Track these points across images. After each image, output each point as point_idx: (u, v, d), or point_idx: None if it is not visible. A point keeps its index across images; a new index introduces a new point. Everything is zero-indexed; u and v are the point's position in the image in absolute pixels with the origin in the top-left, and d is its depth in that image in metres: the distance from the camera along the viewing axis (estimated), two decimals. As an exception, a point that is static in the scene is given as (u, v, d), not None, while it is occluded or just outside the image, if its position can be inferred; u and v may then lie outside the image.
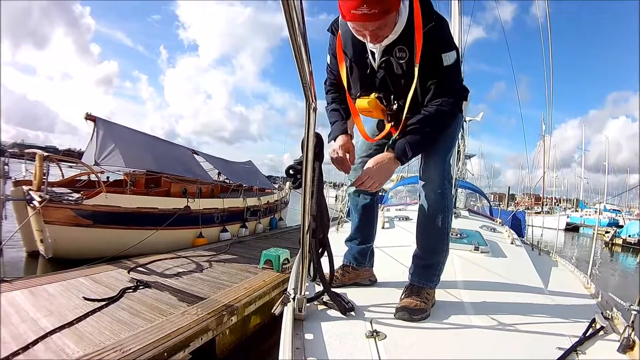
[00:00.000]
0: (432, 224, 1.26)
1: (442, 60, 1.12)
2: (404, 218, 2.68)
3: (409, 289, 1.24)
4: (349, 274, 1.43)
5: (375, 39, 1.09)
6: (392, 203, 4.06)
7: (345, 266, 1.45)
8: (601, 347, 0.99)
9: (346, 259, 1.46)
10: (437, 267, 1.30)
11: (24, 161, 5.53)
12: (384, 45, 1.14)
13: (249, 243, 6.12)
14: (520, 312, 1.25)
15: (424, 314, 1.14)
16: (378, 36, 1.08)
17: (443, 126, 1.20)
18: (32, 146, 23.03)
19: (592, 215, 21.48)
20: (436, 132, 1.18)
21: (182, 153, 7.58)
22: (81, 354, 1.98)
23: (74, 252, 4.61)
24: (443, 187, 1.26)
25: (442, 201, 1.26)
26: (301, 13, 0.68)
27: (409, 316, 1.11)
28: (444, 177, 1.27)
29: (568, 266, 2.13)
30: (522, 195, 27.07)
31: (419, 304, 1.15)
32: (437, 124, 1.17)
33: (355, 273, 1.44)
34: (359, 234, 1.48)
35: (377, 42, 1.11)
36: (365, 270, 1.46)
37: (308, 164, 0.97)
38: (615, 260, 12.45)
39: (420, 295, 1.20)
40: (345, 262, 1.46)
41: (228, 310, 2.82)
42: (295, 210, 9.87)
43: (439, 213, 1.26)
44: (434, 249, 1.29)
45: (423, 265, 1.29)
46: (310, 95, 0.88)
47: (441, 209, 1.26)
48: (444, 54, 1.11)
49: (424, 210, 1.28)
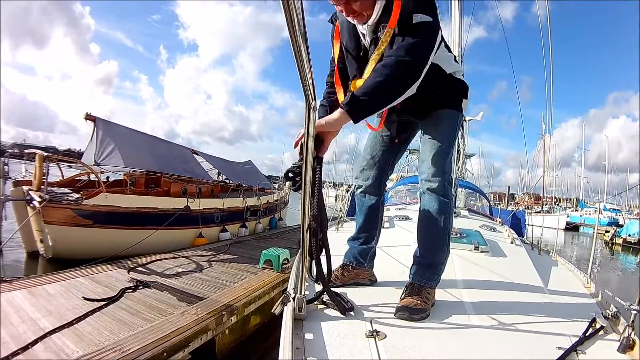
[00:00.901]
0: (434, 225, 1.27)
1: (412, 19, 1.07)
2: (404, 218, 2.69)
3: (410, 288, 1.24)
4: (349, 273, 1.43)
5: (350, 13, 1.13)
6: (392, 203, 4.06)
7: (346, 265, 1.45)
8: (601, 346, 0.99)
9: (347, 258, 1.46)
10: (438, 266, 1.30)
11: (24, 161, 5.53)
12: (371, 24, 1.18)
13: (248, 243, 6.12)
14: (520, 311, 1.25)
15: (424, 314, 1.13)
16: (353, 10, 1.12)
17: (394, 78, 1.05)
18: (32, 146, 23.05)
19: (592, 215, 21.50)
20: (387, 85, 1.05)
21: (182, 153, 7.57)
22: (81, 353, 1.98)
23: (74, 252, 4.61)
24: (444, 188, 1.27)
25: (443, 202, 1.27)
26: (301, 13, 0.68)
27: (409, 315, 1.10)
28: (445, 178, 1.28)
29: (568, 266, 2.13)
30: (522, 195, 27.10)
31: (420, 304, 1.15)
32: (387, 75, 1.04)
33: (355, 273, 1.43)
34: (362, 234, 1.48)
35: (358, 20, 1.16)
36: (365, 271, 1.46)
37: (308, 164, 0.97)
38: (616, 259, 12.46)
39: (421, 295, 1.20)
40: (346, 261, 1.46)
41: (228, 310, 2.82)
42: (295, 210, 9.87)
43: (440, 214, 1.26)
44: (435, 248, 1.30)
45: (424, 264, 1.29)
46: (310, 95, 0.88)
47: (443, 210, 1.27)
48: (415, 14, 1.07)
49: (426, 211, 1.28)
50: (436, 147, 1.29)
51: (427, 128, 1.37)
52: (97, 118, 5.79)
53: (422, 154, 1.35)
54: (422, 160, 1.34)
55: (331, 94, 1.38)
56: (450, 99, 1.35)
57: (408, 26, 1.07)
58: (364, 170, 1.48)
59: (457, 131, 1.40)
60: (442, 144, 1.29)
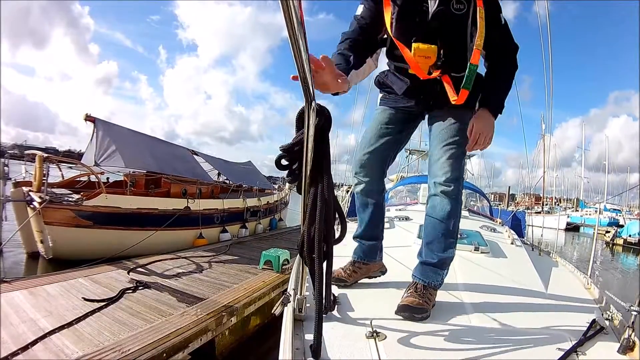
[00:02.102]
0: (444, 228, 1.26)
1: (501, 19, 1.23)
2: (404, 218, 2.68)
3: (413, 287, 1.23)
4: (360, 269, 1.43)
5: None
6: (392, 203, 4.05)
7: (356, 262, 1.45)
8: (601, 347, 0.99)
9: (356, 255, 1.46)
10: (443, 267, 1.29)
11: (24, 162, 5.54)
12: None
13: (248, 244, 6.11)
14: (520, 312, 1.25)
15: (425, 314, 1.13)
16: None
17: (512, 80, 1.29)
18: (32, 147, 23.04)
19: (592, 215, 21.47)
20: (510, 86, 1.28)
21: (182, 153, 7.58)
22: (80, 354, 1.98)
23: (74, 253, 4.61)
24: (458, 192, 1.26)
25: (456, 206, 1.26)
26: (301, 13, 0.68)
27: (410, 314, 1.10)
28: (460, 182, 1.27)
29: (568, 267, 2.13)
30: (523, 195, 27.07)
31: (421, 303, 1.14)
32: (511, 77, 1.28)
33: (366, 268, 1.45)
34: (368, 231, 1.48)
35: None
36: (376, 264, 1.47)
37: (308, 164, 0.94)
38: (617, 260, 12.44)
39: (424, 295, 1.19)
40: (356, 258, 1.45)
41: (227, 310, 2.82)
42: (295, 211, 9.87)
43: (451, 217, 1.26)
44: (442, 250, 1.28)
45: (429, 265, 1.27)
46: (310, 95, 0.88)
47: (454, 213, 1.26)
48: (501, 14, 1.23)
49: (437, 213, 1.26)
50: (453, 149, 1.27)
51: (442, 127, 1.33)
52: (96, 119, 5.80)
53: (435, 154, 1.31)
54: (435, 161, 1.30)
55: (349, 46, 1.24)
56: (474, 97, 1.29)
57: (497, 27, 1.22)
58: (363, 166, 1.41)
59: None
60: (459, 147, 1.27)
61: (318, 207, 0.82)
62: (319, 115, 0.83)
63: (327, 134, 0.87)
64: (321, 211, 0.81)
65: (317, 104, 0.81)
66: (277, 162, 0.88)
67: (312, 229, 0.82)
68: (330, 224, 0.86)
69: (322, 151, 0.85)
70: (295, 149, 0.83)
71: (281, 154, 0.86)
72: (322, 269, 0.84)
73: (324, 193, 0.82)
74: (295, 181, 0.87)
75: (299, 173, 0.84)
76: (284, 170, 0.89)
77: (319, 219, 0.81)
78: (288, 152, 0.85)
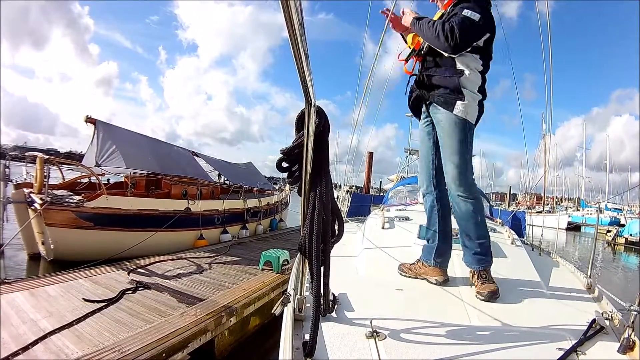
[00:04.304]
0: (475, 222, 1.51)
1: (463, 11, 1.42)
2: (404, 218, 2.68)
3: (479, 275, 1.44)
4: (419, 269, 1.64)
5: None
6: (392, 203, 4.05)
7: (419, 260, 1.63)
8: (601, 347, 0.99)
9: (422, 254, 1.66)
10: (489, 247, 1.52)
11: (25, 164, 5.54)
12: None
13: (249, 244, 6.11)
14: (521, 312, 1.25)
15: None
16: None
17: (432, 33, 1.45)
18: (33, 149, 23.06)
19: (593, 215, 21.41)
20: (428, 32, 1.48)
21: (182, 154, 7.58)
22: (80, 354, 1.98)
23: (75, 254, 4.60)
24: (472, 192, 1.50)
25: (475, 203, 1.50)
26: (301, 13, 0.68)
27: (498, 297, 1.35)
28: (470, 183, 1.51)
29: (568, 267, 2.13)
30: (524, 195, 27.02)
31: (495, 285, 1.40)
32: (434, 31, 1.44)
33: (424, 269, 1.60)
34: (427, 234, 1.69)
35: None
36: (432, 269, 1.59)
37: (308, 165, 0.95)
38: (618, 259, 12.41)
39: (490, 278, 1.44)
40: (421, 257, 1.65)
41: (227, 311, 2.82)
42: (296, 212, 9.86)
43: (476, 213, 1.51)
44: (481, 236, 1.52)
45: (477, 252, 1.49)
46: (311, 95, 0.88)
47: (477, 209, 1.51)
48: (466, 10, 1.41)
49: (463, 213, 1.50)
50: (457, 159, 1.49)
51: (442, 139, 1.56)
52: (97, 120, 5.80)
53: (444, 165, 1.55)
54: (446, 173, 1.53)
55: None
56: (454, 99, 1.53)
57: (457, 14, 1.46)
58: (420, 175, 1.73)
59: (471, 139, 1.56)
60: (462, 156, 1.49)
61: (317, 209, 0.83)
62: (318, 117, 0.85)
63: (326, 136, 0.88)
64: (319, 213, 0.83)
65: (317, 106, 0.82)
66: (278, 164, 0.91)
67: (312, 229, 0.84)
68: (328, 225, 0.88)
69: (321, 154, 0.86)
70: (295, 152, 0.85)
71: (282, 156, 0.89)
72: (320, 269, 0.85)
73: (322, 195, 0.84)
74: (295, 183, 0.89)
75: (299, 175, 0.86)
76: (284, 172, 0.92)
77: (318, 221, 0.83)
78: (288, 155, 0.87)
